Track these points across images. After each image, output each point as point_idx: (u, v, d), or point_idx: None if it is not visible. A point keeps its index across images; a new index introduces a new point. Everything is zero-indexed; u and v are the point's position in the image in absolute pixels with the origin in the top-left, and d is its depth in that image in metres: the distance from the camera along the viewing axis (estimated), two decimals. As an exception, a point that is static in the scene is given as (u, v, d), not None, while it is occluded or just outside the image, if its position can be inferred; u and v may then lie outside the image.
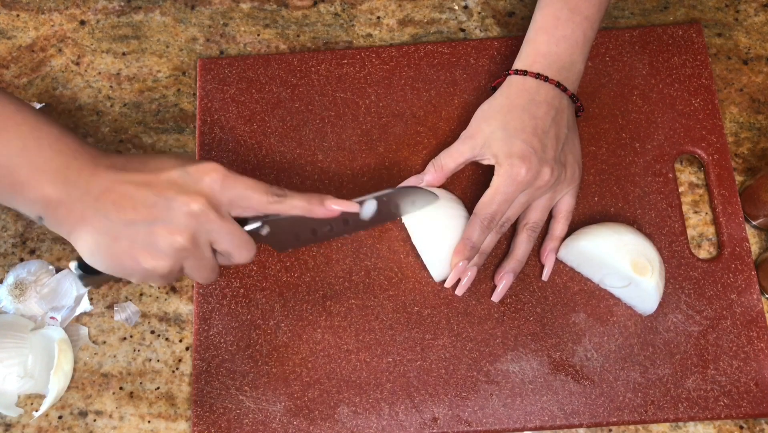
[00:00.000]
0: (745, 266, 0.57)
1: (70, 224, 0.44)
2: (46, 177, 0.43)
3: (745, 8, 0.66)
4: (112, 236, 0.44)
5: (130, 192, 0.44)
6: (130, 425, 0.56)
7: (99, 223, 0.44)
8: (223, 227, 0.46)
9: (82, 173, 0.44)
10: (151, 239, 0.44)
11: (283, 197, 0.48)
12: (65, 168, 0.44)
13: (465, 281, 0.54)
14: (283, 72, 0.63)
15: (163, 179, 0.45)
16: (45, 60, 0.65)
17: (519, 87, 0.55)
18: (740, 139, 0.62)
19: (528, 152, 0.52)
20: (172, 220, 0.44)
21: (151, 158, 0.46)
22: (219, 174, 0.45)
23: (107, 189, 0.44)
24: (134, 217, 0.44)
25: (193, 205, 0.44)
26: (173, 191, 0.44)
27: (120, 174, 0.45)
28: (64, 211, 0.44)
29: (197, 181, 0.45)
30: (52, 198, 0.44)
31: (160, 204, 0.44)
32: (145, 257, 0.44)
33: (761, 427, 0.55)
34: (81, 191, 0.44)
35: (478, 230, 0.53)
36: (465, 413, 0.54)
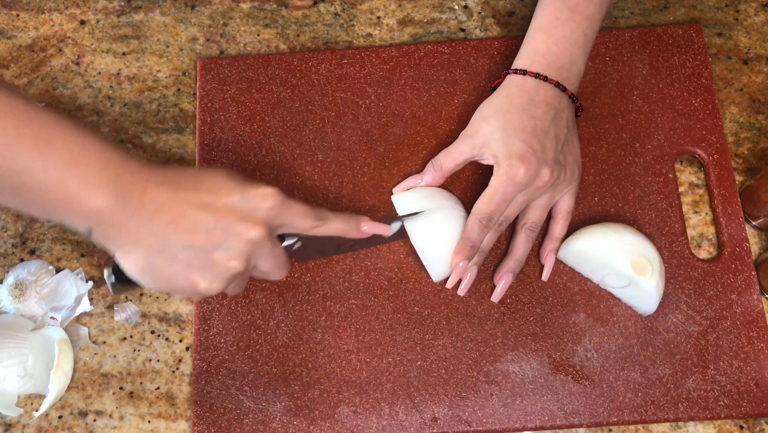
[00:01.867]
0: (745, 266, 0.57)
1: (120, 240, 0.44)
2: (97, 190, 0.42)
3: (745, 8, 0.66)
4: (167, 257, 0.44)
5: (189, 214, 0.44)
6: (130, 425, 0.56)
7: (154, 243, 0.43)
8: (272, 252, 0.47)
9: (134, 187, 0.43)
10: (208, 263, 0.44)
11: (325, 221, 0.49)
12: (116, 180, 0.42)
13: (466, 281, 0.54)
14: (283, 72, 0.63)
15: (222, 204, 0.44)
16: (45, 60, 0.65)
17: (518, 87, 0.55)
18: (740, 139, 0.62)
19: (527, 152, 0.52)
20: (231, 246, 0.44)
21: (204, 176, 0.46)
22: (277, 200, 0.46)
23: (162, 207, 0.43)
24: (192, 241, 0.44)
25: (252, 233, 0.45)
26: (234, 218, 0.44)
27: (175, 192, 0.44)
28: (115, 226, 0.43)
29: (257, 207, 0.45)
30: (104, 211, 0.42)
31: (219, 229, 0.44)
32: (201, 280, 0.45)
33: (761, 427, 0.55)
34: (133, 207, 0.43)
35: (476, 229, 0.53)
36: (465, 413, 0.54)
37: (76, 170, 0.41)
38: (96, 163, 0.42)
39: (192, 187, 0.44)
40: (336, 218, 0.50)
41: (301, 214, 0.48)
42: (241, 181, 0.46)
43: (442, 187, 0.58)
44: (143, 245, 0.44)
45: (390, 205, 0.59)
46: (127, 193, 0.42)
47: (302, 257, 0.54)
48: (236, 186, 0.45)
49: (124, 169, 0.43)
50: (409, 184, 0.58)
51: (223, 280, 0.45)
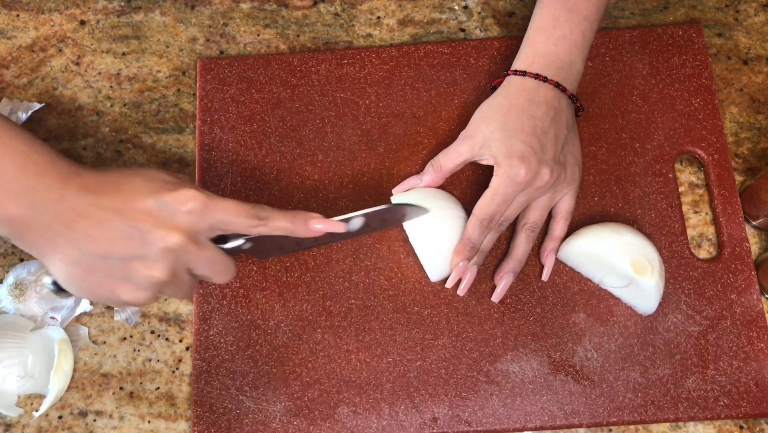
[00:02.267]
0: (745, 266, 0.57)
1: (39, 248, 0.43)
2: (9, 197, 0.41)
3: (745, 8, 0.66)
4: (85, 267, 0.43)
5: (104, 221, 0.42)
6: (130, 425, 0.56)
7: (71, 253, 0.42)
8: (201, 256, 0.44)
9: (50, 194, 0.42)
10: (127, 272, 0.43)
11: (265, 220, 0.46)
12: (31, 189, 0.41)
13: (466, 281, 0.54)
14: (283, 72, 0.63)
15: (138, 208, 0.42)
16: (45, 60, 0.65)
17: (518, 87, 0.55)
18: (740, 139, 0.62)
19: (527, 153, 0.52)
20: (149, 254, 0.43)
21: (126, 179, 0.44)
22: (197, 203, 0.43)
23: (78, 215, 0.42)
24: (109, 250, 0.42)
25: (169, 240, 0.43)
26: (149, 223, 0.42)
27: (92, 197, 0.42)
28: (31, 234, 0.42)
29: (174, 212, 0.43)
30: (16, 219, 0.42)
31: (135, 237, 0.42)
32: (122, 290, 0.43)
33: (761, 427, 0.55)
34: (49, 215, 0.42)
35: (477, 230, 0.53)
36: (465, 413, 0.54)
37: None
38: (12, 170, 0.42)
39: (110, 192, 0.43)
40: (279, 216, 0.47)
41: (234, 213, 0.45)
42: (162, 183, 0.44)
43: (441, 188, 0.58)
44: (61, 255, 0.43)
45: (390, 205, 0.59)
46: (43, 201, 0.42)
47: (258, 255, 0.52)
48: (153, 189, 0.43)
49: (42, 176, 0.42)
50: (408, 185, 0.58)
51: (146, 289, 0.44)
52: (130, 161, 0.62)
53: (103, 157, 0.62)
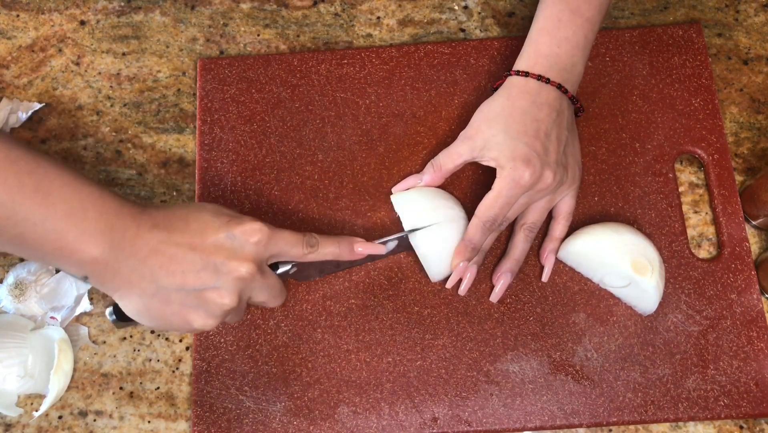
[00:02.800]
0: (745, 266, 0.57)
1: (116, 285, 0.45)
2: (92, 240, 0.44)
3: (745, 8, 0.66)
4: (161, 299, 0.45)
5: (178, 256, 0.45)
6: (130, 425, 0.56)
7: (147, 287, 0.45)
8: (264, 283, 0.48)
9: (126, 234, 0.44)
10: (201, 301, 0.46)
11: (316, 247, 0.50)
12: (110, 230, 0.44)
13: (467, 281, 0.54)
14: (283, 72, 0.63)
15: (209, 243, 0.46)
16: (45, 60, 0.65)
17: (520, 88, 0.54)
18: (740, 139, 0.62)
19: (531, 155, 0.52)
20: (222, 284, 0.46)
21: (193, 215, 0.47)
22: (263, 235, 0.47)
23: (153, 251, 0.45)
24: (184, 282, 0.45)
25: (241, 270, 0.46)
26: (222, 256, 0.45)
27: (164, 234, 0.45)
28: (110, 272, 0.45)
29: (243, 244, 0.46)
30: (98, 260, 0.44)
31: (209, 269, 0.45)
32: (195, 318, 0.46)
33: (761, 427, 0.55)
34: (126, 253, 0.44)
35: (479, 232, 0.53)
36: (465, 413, 0.54)
37: (73, 222, 0.43)
38: (92, 214, 0.44)
39: (181, 228, 0.46)
40: (327, 242, 0.51)
41: (291, 244, 0.49)
42: (227, 217, 0.47)
43: (441, 188, 0.58)
44: (138, 289, 0.45)
45: (390, 205, 0.59)
46: (120, 240, 0.44)
47: (301, 278, 0.55)
48: (222, 224, 0.46)
49: (118, 217, 0.45)
50: (408, 184, 0.58)
51: (216, 317, 0.47)
52: (130, 161, 0.62)
53: (103, 157, 0.62)
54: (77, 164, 0.62)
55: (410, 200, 0.56)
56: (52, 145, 0.62)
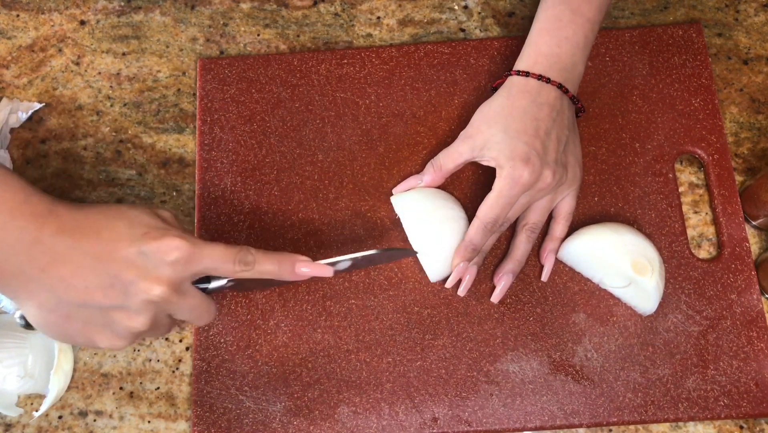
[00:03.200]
0: (745, 266, 0.57)
1: (12, 290, 0.41)
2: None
3: (745, 8, 0.66)
4: (62, 314, 0.41)
5: (83, 269, 0.40)
6: (130, 425, 0.56)
7: (47, 299, 0.41)
8: (184, 305, 0.43)
9: (23, 236, 0.39)
10: (107, 321, 0.42)
11: (251, 264, 0.45)
12: (2, 229, 0.39)
13: (466, 281, 0.54)
14: (283, 72, 0.63)
15: (120, 256, 0.41)
16: (45, 60, 0.65)
17: (520, 88, 0.54)
18: (740, 139, 0.62)
19: (530, 154, 0.52)
20: (131, 305, 0.41)
21: (107, 221, 0.42)
22: (182, 253, 0.42)
23: (55, 259, 0.40)
24: (88, 299, 0.41)
25: (152, 292, 0.41)
26: (131, 274, 0.41)
27: (70, 242, 0.40)
28: (3, 277, 0.40)
29: (158, 263, 0.41)
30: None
31: (117, 287, 0.41)
32: (100, 338, 0.42)
33: (761, 427, 0.55)
34: (22, 258, 0.40)
35: (481, 233, 0.53)
36: (465, 413, 0.54)
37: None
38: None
39: (89, 236, 0.41)
40: (265, 260, 0.45)
41: (220, 260, 0.43)
42: (145, 229, 0.42)
43: (441, 188, 0.58)
44: (36, 301, 0.41)
45: (390, 205, 0.59)
46: (15, 242, 0.39)
47: (241, 290, 0.51)
48: (137, 237, 0.41)
49: (16, 216, 0.40)
50: (408, 185, 0.58)
51: (125, 338, 0.43)
52: (130, 161, 0.62)
53: (103, 157, 0.62)
54: (77, 164, 0.62)
55: (410, 201, 0.56)
56: (52, 145, 0.62)
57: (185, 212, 0.61)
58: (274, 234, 0.59)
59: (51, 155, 0.62)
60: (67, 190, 0.61)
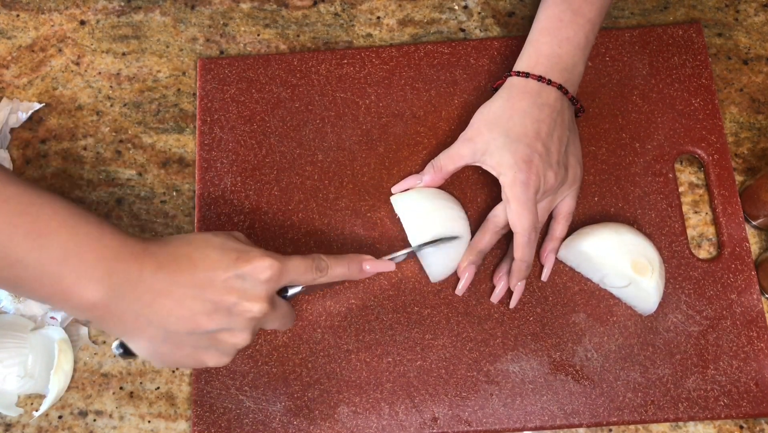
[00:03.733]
0: (745, 266, 0.57)
1: (120, 329, 0.43)
2: (90, 286, 0.41)
3: (745, 8, 0.66)
4: (173, 344, 0.44)
5: (187, 300, 0.43)
6: (130, 425, 0.56)
7: (156, 333, 0.43)
8: (276, 316, 0.47)
9: (128, 278, 0.42)
10: (214, 342, 0.45)
11: (326, 270, 0.49)
12: (109, 274, 0.42)
13: (464, 281, 0.54)
14: (283, 72, 0.63)
15: (219, 284, 0.44)
16: (45, 60, 0.65)
17: (521, 89, 0.54)
18: (740, 139, 0.62)
19: (532, 156, 0.52)
20: (235, 325, 0.44)
21: (199, 253, 0.44)
22: (274, 271, 0.45)
23: (159, 295, 0.42)
24: (195, 326, 0.43)
25: (254, 310, 0.44)
26: (233, 297, 0.44)
27: (170, 277, 0.43)
28: (113, 318, 0.42)
29: (255, 284, 0.44)
30: (98, 306, 0.42)
31: (221, 311, 0.44)
32: (209, 359, 0.45)
33: (761, 427, 0.55)
34: (129, 298, 0.42)
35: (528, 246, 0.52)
36: (465, 413, 0.54)
37: (69, 265, 0.41)
38: (89, 256, 0.41)
39: (187, 268, 0.43)
40: (337, 264, 0.50)
41: (301, 271, 0.47)
42: (236, 253, 0.45)
43: (441, 188, 0.58)
44: (146, 335, 0.43)
45: (390, 205, 0.59)
46: (122, 285, 0.42)
47: (310, 292, 0.55)
48: (231, 262, 0.44)
49: (118, 259, 0.42)
50: (408, 184, 0.58)
51: (230, 354, 0.46)
52: (130, 161, 0.62)
53: (103, 157, 0.62)
54: (77, 164, 0.62)
55: (410, 201, 0.56)
56: (52, 145, 0.62)
57: (185, 212, 0.61)
58: (274, 234, 0.59)
59: (51, 155, 0.62)
60: (67, 190, 0.61)
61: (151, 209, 0.61)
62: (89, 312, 0.42)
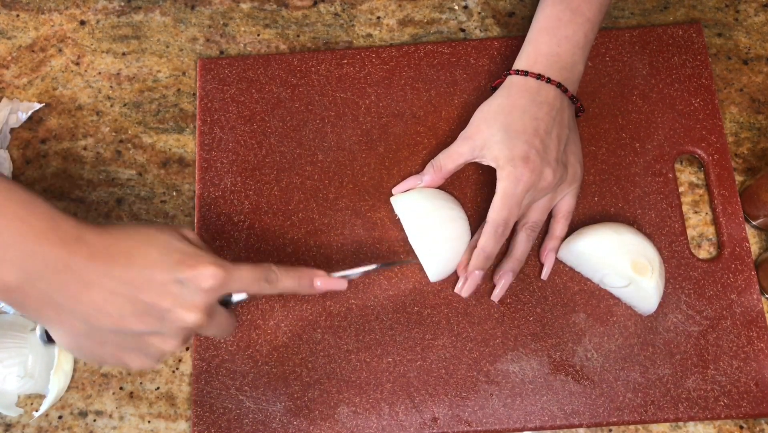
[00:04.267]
0: (745, 266, 0.57)
1: (42, 317, 0.41)
2: (4, 266, 0.38)
3: (745, 8, 0.66)
4: (95, 340, 0.41)
5: (117, 297, 0.40)
6: (130, 425, 0.56)
7: (79, 326, 0.40)
8: (213, 325, 0.44)
9: (52, 263, 0.39)
10: (140, 345, 0.42)
11: (275, 283, 0.46)
12: (29, 256, 0.38)
13: (470, 283, 0.54)
14: (283, 72, 0.63)
15: (155, 285, 0.40)
16: (45, 60, 0.65)
17: (520, 87, 0.54)
18: (740, 139, 0.62)
19: (530, 153, 0.52)
20: (166, 331, 0.42)
21: (141, 248, 0.41)
22: (217, 281, 0.42)
23: (87, 287, 0.39)
24: (123, 325, 0.40)
25: (189, 319, 0.42)
26: (168, 302, 0.41)
27: (102, 269, 0.39)
28: (33, 303, 0.40)
29: (194, 292, 0.42)
30: (13, 289, 0.39)
31: (153, 314, 0.41)
32: (131, 360, 0.43)
33: (761, 427, 0.55)
34: (53, 286, 0.39)
35: (493, 238, 0.53)
36: (465, 413, 0.54)
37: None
38: (6, 236, 0.38)
39: (122, 263, 0.40)
40: (287, 277, 0.47)
41: (248, 282, 0.45)
42: (179, 256, 0.42)
43: (441, 188, 0.58)
44: (67, 327, 0.41)
45: (389, 205, 0.59)
46: (44, 270, 0.38)
47: (255, 299, 0.54)
48: (172, 265, 0.41)
49: (44, 242, 0.39)
50: (408, 185, 0.58)
51: (157, 359, 0.44)
52: (130, 161, 0.62)
53: (103, 157, 0.62)
54: (77, 164, 0.62)
55: (410, 201, 0.56)
56: (52, 145, 0.62)
57: (185, 212, 0.61)
58: (274, 234, 0.59)
59: (51, 155, 0.62)
60: (67, 190, 0.61)
61: (151, 209, 0.61)
62: (4, 295, 0.39)
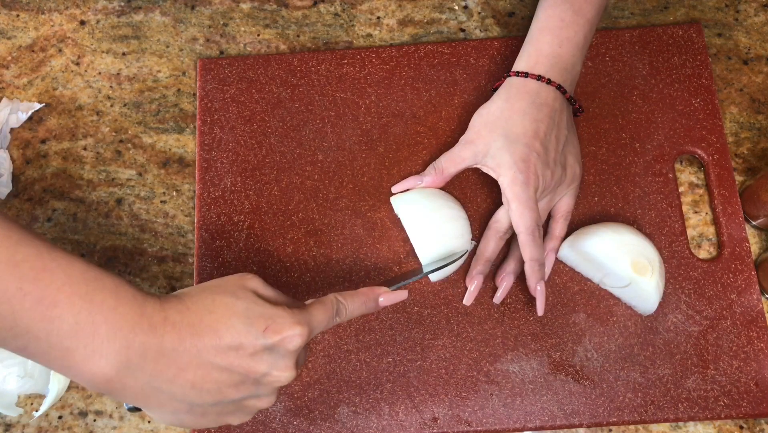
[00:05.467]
0: (745, 266, 0.57)
1: (140, 402, 0.41)
2: (103, 361, 0.38)
3: (745, 8, 0.66)
4: (197, 413, 0.42)
5: (213, 374, 0.41)
6: (130, 425, 0.56)
7: (179, 406, 0.41)
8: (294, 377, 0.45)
9: (146, 353, 0.39)
10: (239, 408, 0.44)
11: (344, 314, 0.47)
12: (126, 348, 0.39)
13: (472, 289, 0.54)
14: (283, 72, 0.63)
15: (246, 356, 0.41)
16: (45, 60, 0.65)
17: (519, 89, 0.54)
18: (740, 139, 0.62)
19: (530, 155, 0.52)
20: (262, 392, 0.44)
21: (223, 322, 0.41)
22: (303, 339, 0.43)
23: (181, 369, 0.40)
24: (222, 397, 0.42)
25: (283, 378, 0.43)
26: (263, 367, 0.42)
27: (193, 349, 0.40)
28: (129, 391, 0.40)
29: (285, 354, 0.43)
30: (112, 380, 0.39)
31: (249, 381, 0.42)
32: (233, 420, 0.44)
33: (761, 427, 0.55)
34: (148, 373, 0.40)
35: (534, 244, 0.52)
36: (465, 413, 0.54)
37: (81, 339, 0.38)
38: (103, 330, 0.38)
39: (211, 338, 0.41)
40: (352, 303, 0.48)
41: (324, 324, 0.46)
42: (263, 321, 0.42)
43: (441, 188, 0.58)
44: (168, 408, 0.41)
45: (389, 205, 0.59)
46: (139, 360, 0.39)
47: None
48: (259, 334, 0.42)
49: (136, 331, 0.39)
50: (408, 185, 0.58)
51: (253, 414, 0.45)
52: (130, 161, 0.62)
53: (103, 157, 0.62)
54: (77, 164, 0.62)
55: (410, 201, 0.56)
56: (52, 145, 0.62)
57: (185, 212, 0.61)
58: (274, 234, 0.59)
59: (51, 155, 0.62)
60: (67, 190, 0.61)
61: (151, 209, 0.61)
62: (103, 386, 0.39)
